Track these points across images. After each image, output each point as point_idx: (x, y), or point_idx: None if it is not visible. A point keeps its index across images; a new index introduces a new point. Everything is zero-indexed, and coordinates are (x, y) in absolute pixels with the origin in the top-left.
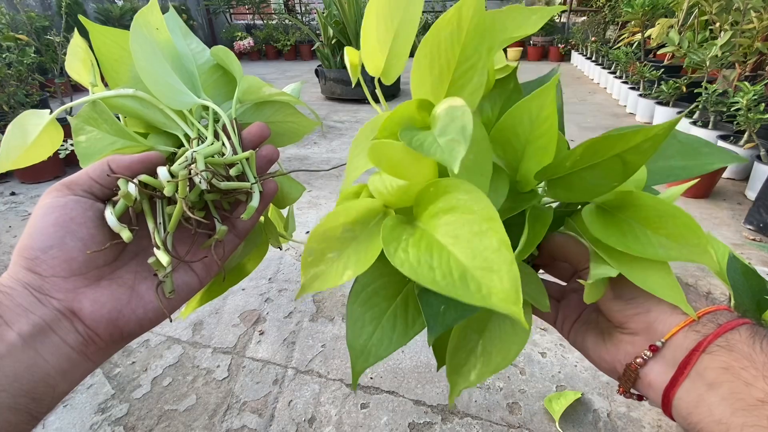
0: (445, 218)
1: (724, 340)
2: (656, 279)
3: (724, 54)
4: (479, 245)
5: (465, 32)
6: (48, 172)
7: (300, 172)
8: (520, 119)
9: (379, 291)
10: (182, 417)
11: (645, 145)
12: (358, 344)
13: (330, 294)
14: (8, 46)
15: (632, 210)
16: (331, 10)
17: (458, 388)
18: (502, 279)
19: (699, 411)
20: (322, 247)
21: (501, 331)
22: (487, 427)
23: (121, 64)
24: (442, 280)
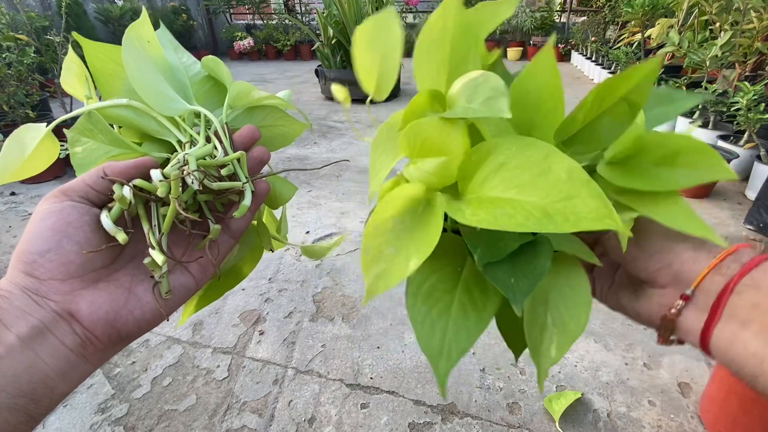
0: (497, 178)
1: (750, 279)
2: (682, 217)
3: (724, 54)
4: (548, 182)
5: (451, 29)
6: (48, 173)
7: (300, 172)
8: (525, 90)
9: (437, 285)
10: (182, 417)
11: (643, 83)
12: (435, 344)
13: (330, 294)
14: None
15: (644, 154)
16: (331, 10)
17: (544, 369)
18: (585, 201)
19: (735, 348)
20: (378, 242)
21: (563, 296)
22: (487, 427)
23: (115, 78)
24: (526, 221)
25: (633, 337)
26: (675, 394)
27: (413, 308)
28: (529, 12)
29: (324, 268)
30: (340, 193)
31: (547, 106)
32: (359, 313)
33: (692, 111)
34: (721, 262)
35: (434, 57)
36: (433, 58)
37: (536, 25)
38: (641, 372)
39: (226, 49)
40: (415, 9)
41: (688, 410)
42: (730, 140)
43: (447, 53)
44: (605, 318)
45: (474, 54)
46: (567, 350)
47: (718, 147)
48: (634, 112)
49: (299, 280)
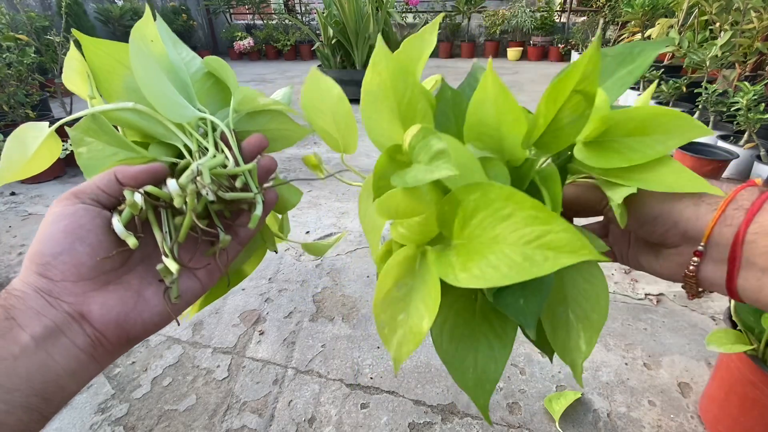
0: (474, 222)
1: (758, 225)
2: (672, 177)
3: (724, 54)
4: (513, 225)
5: (389, 79)
6: (48, 173)
7: (300, 173)
8: (483, 108)
9: (456, 323)
10: (182, 417)
11: (588, 70)
12: (470, 380)
13: (330, 294)
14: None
15: (615, 129)
16: (331, 10)
17: (579, 364)
18: (558, 236)
19: (764, 293)
20: (389, 314)
21: (581, 291)
22: (487, 427)
23: (113, 75)
24: (511, 271)
25: (633, 337)
26: (675, 394)
27: (440, 349)
28: (529, 12)
29: (324, 268)
30: (340, 193)
31: (508, 119)
32: (359, 313)
33: (692, 110)
34: (724, 212)
35: (382, 111)
36: (382, 113)
37: (536, 25)
38: (641, 372)
39: (226, 49)
40: (415, 9)
41: (688, 410)
42: (730, 140)
43: (393, 102)
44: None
45: (417, 93)
46: (596, 340)
47: (718, 147)
48: (590, 100)
49: (299, 280)
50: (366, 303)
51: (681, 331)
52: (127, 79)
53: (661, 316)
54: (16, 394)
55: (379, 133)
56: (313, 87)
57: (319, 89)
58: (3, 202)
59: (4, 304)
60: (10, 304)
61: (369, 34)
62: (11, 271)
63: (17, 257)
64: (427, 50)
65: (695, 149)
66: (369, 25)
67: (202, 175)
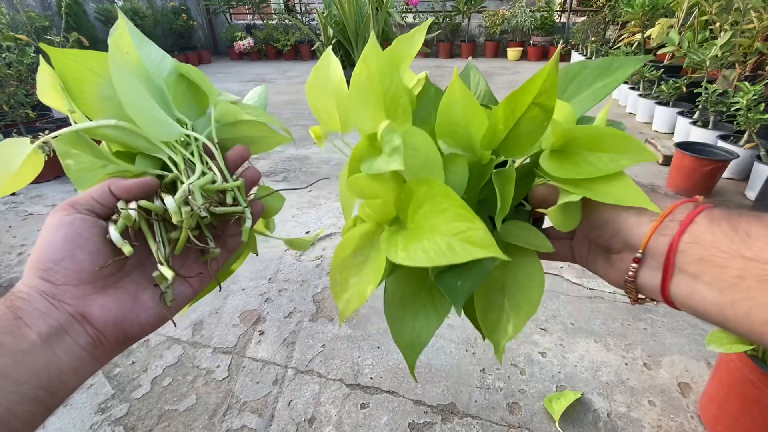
0: (421, 211)
1: (690, 236)
2: (618, 191)
3: (724, 54)
4: (447, 219)
5: (377, 73)
6: (48, 173)
7: (299, 173)
8: (451, 110)
9: (406, 292)
10: (182, 417)
11: (546, 86)
12: (405, 340)
13: (330, 294)
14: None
15: (576, 143)
16: (331, 10)
17: (501, 345)
18: (476, 233)
19: (695, 299)
20: (344, 276)
21: (519, 283)
22: (487, 427)
23: (86, 84)
24: (436, 256)
25: (633, 337)
26: (675, 394)
27: (389, 312)
28: (529, 12)
29: (324, 268)
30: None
31: (474, 122)
32: (359, 313)
33: (692, 111)
34: (662, 223)
35: (369, 101)
36: (368, 104)
37: (536, 25)
38: (641, 372)
39: (226, 49)
40: (415, 9)
41: (688, 410)
42: (730, 140)
43: (380, 94)
44: (605, 318)
45: (401, 88)
46: (521, 329)
47: (718, 147)
48: (548, 113)
49: (299, 280)
50: (366, 303)
51: (681, 331)
52: (101, 88)
53: (661, 316)
54: (25, 386)
55: (363, 122)
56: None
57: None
58: (3, 202)
59: (10, 305)
60: (16, 305)
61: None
62: (11, 271)
63: (17, 257)
64: (414, 49)
65: (695, 149)
66: (369, 25)
67: (193, 194)
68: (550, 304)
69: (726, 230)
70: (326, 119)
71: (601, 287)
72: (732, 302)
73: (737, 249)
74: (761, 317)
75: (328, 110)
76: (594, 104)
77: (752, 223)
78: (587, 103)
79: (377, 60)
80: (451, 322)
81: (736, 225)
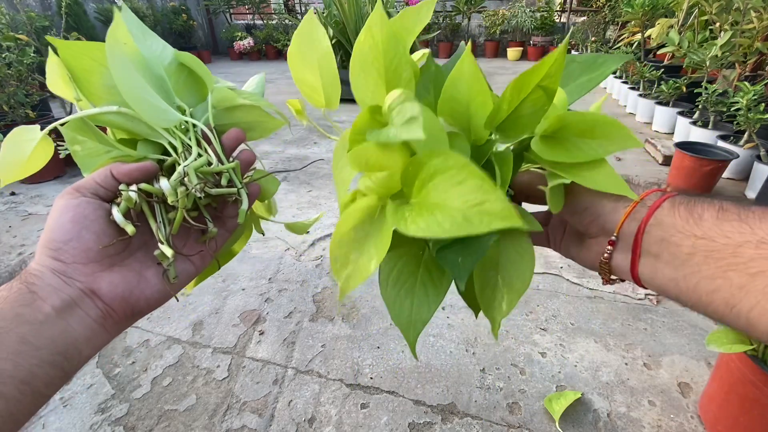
0: (431, 184)
1: (654, 219)
2: (602, 178)
3: (724, 54)
4: (465, 190)
5: (381, 43)
6: (48, 173)
7: (299, 173)
8: (457, 87)
9: (402, 270)
10: (182, 417)
11: (553, 70)
12: (404, 318)
13: (330, 294)
14: (8, 46)
15: (568, 129)
16: (331, 10)
17: (497, 321)
18: (493, 205)
19: (656, 277)
20: (344, 252)
21: (511, 261)
22: (487, 427)
23: (92, 75)
24: (452, 227)
25: (633, 337)
26: (675, 394)
27: (385, 291)
28: (529, 12)
29: (324, 268)
30: None
31: (477, 101)
32: (359, 313)
33: (692, 111)
34: (634, 209)
35: (370, 73)
36: (370, 74)
37: (536, 25)
38: (641, 372)
39: (226, 49)
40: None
41: (688, 410)
42: (730, 140)
43: (382, 66)
44: (605, 318)
45: (404, 62)
46: (515, 305)
47: (718, 147)
48: (550, 96)
49: (299, 280)
50: (366, 303)
51: (681, 331)
52: (106, 78)
53: (661, 316)
54: (44, 351)
55: (364, 93)
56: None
57: (310, 38)
58: (3, 202)
59: (25, 281)
60: (30, 281)
61: None
62: (12, 270)
63: (17, 257)
64: (419, 25)
65: (695, 149)
66: None
67: (188, 176)
68: (550, 304)
69: (683, 213)
70: (310, 93)
71: (601, 287)
72: (684, 276)
73: (690, 229)
74: (706, 287)
75: (312, 83)
76: (580, 96)
77: (705, 207)
78: (574, 95)
79: (382, 29)
80: (450, 322)
81: (692, 209)
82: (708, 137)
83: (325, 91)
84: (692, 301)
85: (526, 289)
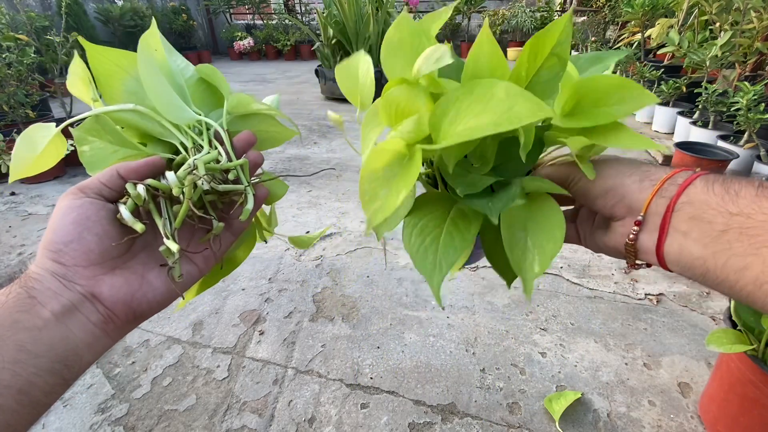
0: (460, 116)
1: (686, 196)
2: (626, 138)
3: (724, 54)
4: (494, 103)
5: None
6: (48, 173)
7: (300, 173)
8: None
9: (428, 223)
10: (182, 417)
11: (563, 37)
12: (428, 264)
13: (330, 294)
14: (8, 46)
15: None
16: (331, 10)
17: (530, 281)
18: (522, 106)
19: (683, 256)
20: (373, 186)
21: (540, 225)
22: (487, 427)
23: (114, 79)
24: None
25: (633, 337)
26: (675, 394)
27: (409, 241)
28: (529, 12)
29: (324, 268)
30: (340, 193)
31: (496, 74)
32: (359, 313)
33: (692, 111)
34: (662, 186)
35: (398, 57)
36: (398, 59)
37: (536, 25)
38: (641, 372)
39: (226, 49)
40: (415, 9)
41: (688, 410)
42: (730, 140)
43: (409, 53)
44: (605, 318)
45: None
46: (548, 266)
47: (718, 147)
48: (563, 62)
49: (299, 280)
50: (366, 303)
51: (681, 331)
52: (127, 83)
53: (661, 316)
54: (43, 359)
55: (392, 70)
56: (354, 68)
57: (358, 69)
58: (3, 202)
59: (24, 285)
60: (29, 285)
61: (369, 34)
62: (11, 271)
63: (17, 257)
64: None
65: (695, 149)
66: (369, 25)
67: (197, 168)
68: (550, 304)
69: (718, 191)
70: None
71: (601, 287)
72: (713, 253)
73: (725, 206)
74: (736, 265)
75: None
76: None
77: (743, 185)
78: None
79: (408, 25)
80: (451, 322)
81: (728, 186)
82: (708, 137)
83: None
84: (719, 280)
85: (559, 250)
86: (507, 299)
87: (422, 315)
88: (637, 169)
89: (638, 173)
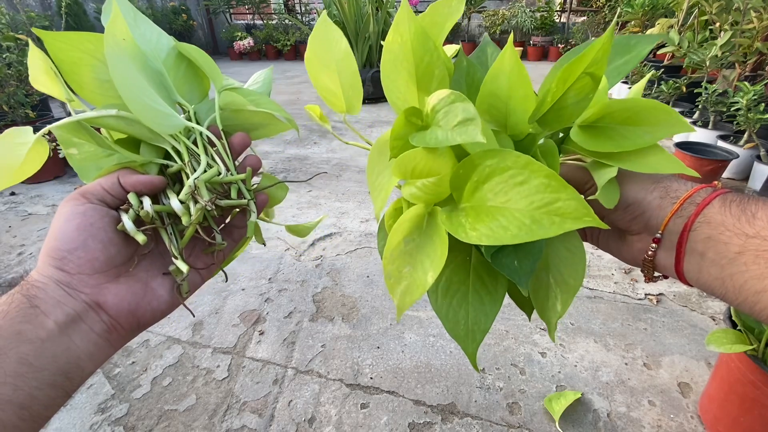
0: (486, 186)
1: (703, 217)
2: (654, 160)
3: (724, 54)
4: (529, 190)
5: (410, 40)
6: (48, 173)
7: (298, 172)
8: (497, 82)
9: (451, 280)
10: (182, 417)
11: (599, 56)
12: (461, 330)
13: (330, 294)
14: (8, 46)
15: (610, 117)
16: (331, 10)
17: (553, 322)
18: (567, 203)
19: (702, 275)
20: (396, 266)
21: (562, 259)
22: (487, 427)
23: (81, 67)
24: (520, 231)
25: (633, 337)
26: (675, 394)
27: (436, 303)
28: (529, 12)
29: (324, 268)
30: (339, 193)
31: (518, 95)
32: (359, 313)
33: (692, 111)
34: (681, 206)
35: (400, 72)
36: (400, 74)
37: (536, 25)
38: (641, 372)
39: (226, 49)
40: (415, 9)
41: (688, 410)
42: (730, 140)
43: (411, 64)
44: (605, 318)
45: (436, 59)
46: (570, 304)
47: (718, 147)
48: (596, 83)
49: (299, 280)
50: (366, 303)
51: (681, 331)
52: (97, 70)
53: (661, 316)
54: (45, 372)
55: (395, 95)
56: (320, 36)
57: (327, 39)
58: (3, 202)
59: (27, 294)
60: (32, 294)
61: (369, 34)
62: (11, 271)
63: (17, 257)
64: (451, 20)
65: (695, 149)
66: (369, 25)
67: (199, 190)
68: None
69: (735, 211)
70: (330, 98)
71: (601, 287)
72: (731, 275)
73: (741, 227)
74: (754, 287)
75: (331, 88)
76: (618, 80)
77: (760, 206)
78: (611, 80)
79: (409, 27)
80: None
81: (745, 207)
82: (708, 137)
83: (345, 94)
84: (738, 301)
85: (581, 286)
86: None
87: (422, 315)
88: (659, 184)
89: (659, 189)
